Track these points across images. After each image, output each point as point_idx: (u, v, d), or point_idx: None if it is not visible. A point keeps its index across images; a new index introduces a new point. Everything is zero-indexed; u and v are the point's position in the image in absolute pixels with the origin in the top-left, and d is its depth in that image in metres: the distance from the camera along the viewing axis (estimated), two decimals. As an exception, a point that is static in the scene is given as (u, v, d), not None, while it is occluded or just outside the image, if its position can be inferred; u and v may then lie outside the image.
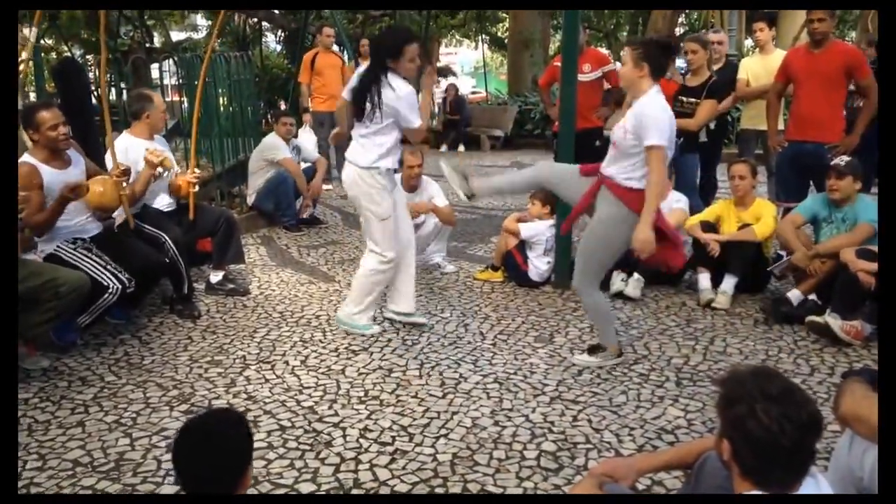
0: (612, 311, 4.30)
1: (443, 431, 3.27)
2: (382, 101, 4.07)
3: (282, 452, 3.10)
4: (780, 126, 5.82)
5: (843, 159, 4.56)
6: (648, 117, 3.52)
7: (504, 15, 22.52)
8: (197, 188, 4.99)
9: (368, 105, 4.11)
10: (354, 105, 4.21)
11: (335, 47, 9.83)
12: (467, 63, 37.82)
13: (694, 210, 5.39)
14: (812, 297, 4.58)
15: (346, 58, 10.09)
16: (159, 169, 4.70)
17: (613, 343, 3.99)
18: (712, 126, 5.99)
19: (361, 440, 3.20)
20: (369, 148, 4.19)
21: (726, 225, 5.12)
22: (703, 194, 6.11)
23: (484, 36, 21.59)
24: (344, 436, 3.23)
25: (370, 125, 4.16)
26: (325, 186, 8.14)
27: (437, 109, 14.97)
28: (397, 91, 4.08)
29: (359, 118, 4.20)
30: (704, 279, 4.97)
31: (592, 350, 4.03)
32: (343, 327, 4.49)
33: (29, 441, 3.21)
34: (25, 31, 6.99)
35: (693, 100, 5.73)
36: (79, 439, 3.23)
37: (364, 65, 4.44)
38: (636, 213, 3.58)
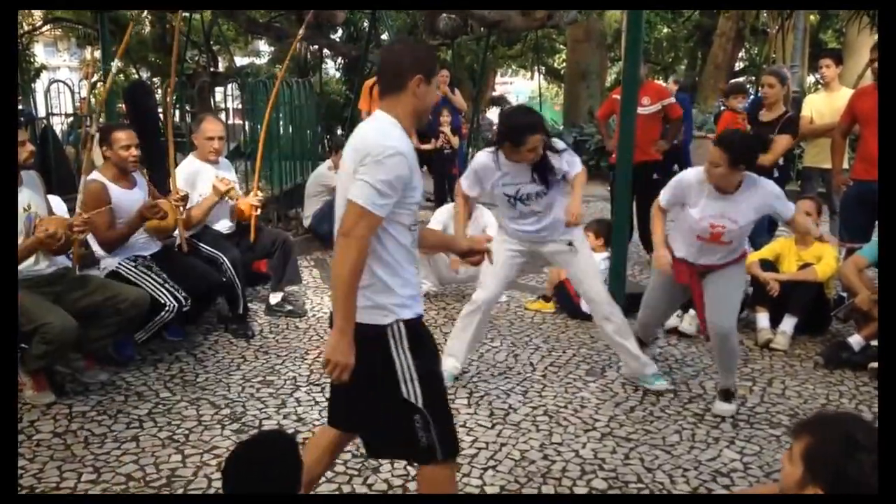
0: None
1: (491, 463, 3.24)
2: None
3: (330, 476, 3.10)
4: (845, 165, 5.68)
5: None
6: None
7: (561, 46, 22.61)
8: (259, 211, 5.08)
9: None
10: None
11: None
12: (522, 93, 37.94)
13: (756, 247, 5.28)
14: (874, 342, 4.43)
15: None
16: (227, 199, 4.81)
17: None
18: (780, 162, 5.87)
19: (409, 468, 3.17)
20: None
21: (786, 263, 5.00)
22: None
23: (540, 66, 21.64)
24: (391, 462, 3.22)
25: None
26: None
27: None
28: None
29: None
30: (763, 318, 4.85)
31: (727, 395, 3.81)
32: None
33: (85, 454, 3.28)
34: (94, 53, 7.26)
35: (766, 135, 5.62)
36: (133, 454, 3.29)
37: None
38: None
